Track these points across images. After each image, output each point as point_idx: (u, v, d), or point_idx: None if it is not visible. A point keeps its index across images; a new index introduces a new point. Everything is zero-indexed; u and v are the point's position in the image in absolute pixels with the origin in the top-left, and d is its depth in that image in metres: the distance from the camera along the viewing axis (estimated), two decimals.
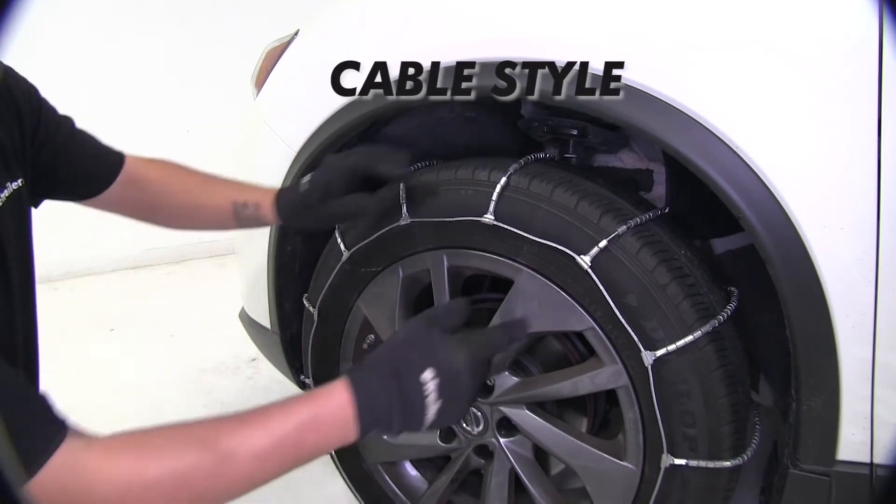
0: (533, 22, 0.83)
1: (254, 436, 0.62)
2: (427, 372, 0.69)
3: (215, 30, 3.01)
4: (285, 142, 1.13)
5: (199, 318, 2.53)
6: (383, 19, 1.01)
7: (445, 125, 1.12)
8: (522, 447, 1.04)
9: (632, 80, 0.76)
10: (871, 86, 0.64)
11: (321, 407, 0.66)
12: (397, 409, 0.68)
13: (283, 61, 1.19)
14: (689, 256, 0.85)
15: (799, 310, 0.71)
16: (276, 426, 0.63)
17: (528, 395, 0.99)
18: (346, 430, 0.67)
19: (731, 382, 0.83)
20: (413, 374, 0.68)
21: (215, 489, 0.60)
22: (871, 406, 0.71)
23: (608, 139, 1.00)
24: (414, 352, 0.71)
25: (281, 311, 1.27)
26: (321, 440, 0.66)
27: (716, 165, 0.72)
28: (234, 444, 0.61)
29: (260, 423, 0.63)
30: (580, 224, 0.85)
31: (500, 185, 0.90)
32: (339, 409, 0.66)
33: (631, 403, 0.88)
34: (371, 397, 0.67)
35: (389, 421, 0.68)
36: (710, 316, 0.82)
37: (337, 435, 0.67)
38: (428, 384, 0.68)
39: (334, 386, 0.68)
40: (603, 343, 0.87)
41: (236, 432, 0.62)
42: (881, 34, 0.63)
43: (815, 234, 0.69)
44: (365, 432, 0.68)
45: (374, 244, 1.05)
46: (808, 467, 0.76)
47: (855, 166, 0.66)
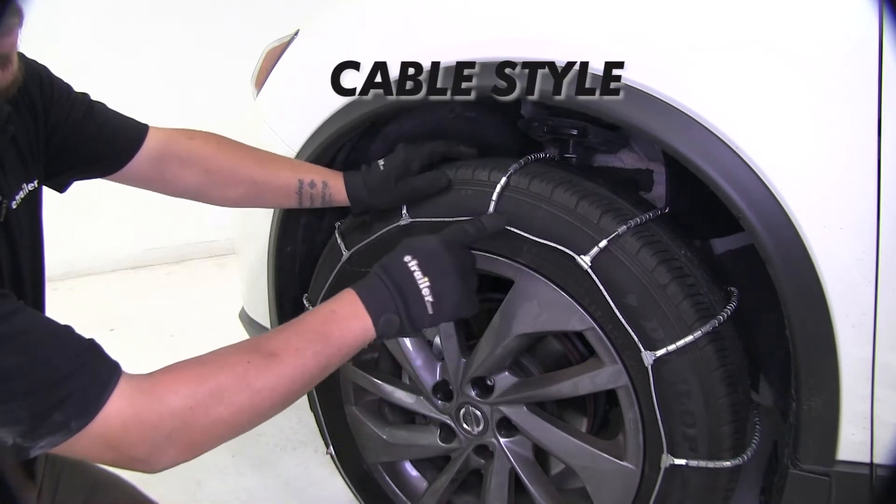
0: (533, 22, 0.83)
1: (287, 335, 0.72)
2: (406, 257, 0.79)
3: (215, 30, 3.00)
4: (285, 142, 1.13)
5: (199, 318, 2.53)
6: (383, 19, 1.01)
7: (445, 125, 1.12)
8: (522, 447, 1.04)
9: (632, 80, 0.76)
10: (871, 86, 0.64)
11: (335, 303, 0.76)
12: (395, 292, 0.77)
13: (283, 61, 1.19)
14: (689, 256, 0.85)
15: (799, 310, 0.71)
16: (303, 325, 0.73)
17: (528, 395, 0.99)
18: (361, 319, 0.75)
19: (731, 382, 0.83)
20: (397, 261, 0.79)
21: (268, 385, 0.67)
22: (871, 406, 0.71)
23: (608, 139, 1.00)
24: (397, 250, 0.81)
25: (281, 311, 1.27)
26: (343, 330, 0.74)
27: (716, 165, 0.72)
28: (275, 346, 0.70)
29: (292, 326, 0.73)
30: (580, 224, 0.85)
31: (500, 185, 0.90)
32: (350, 304, 0.76)
33: (631, 403, 0.88)
34: (370, 287, 0.77)
35: (394, 304, 0.76)
36: (710, 316, 0.82)
37: (356, 326, 0.75)
38: (410, 264, 0.78)
39: (343, 291, 0.79)
40: (603, 343, 0.87)
41: (275, 336, 0.72)
42: (881, 34, 0.63)
43: (815, 234, 0.69)
44: (377, 319, 0.76)
45: (374, 244, 1.05)
46: (808, 467, 0.76)
47: (855, 166, 0.66)
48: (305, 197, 1.01)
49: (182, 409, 0.62)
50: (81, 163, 0.90)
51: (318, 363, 0.71)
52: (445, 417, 1.09)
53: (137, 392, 0.61)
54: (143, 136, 0.95)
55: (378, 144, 1.15)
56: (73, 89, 0.89)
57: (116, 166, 0.94)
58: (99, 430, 0.59)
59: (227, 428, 0.66)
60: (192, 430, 0.63)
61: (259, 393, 0.66)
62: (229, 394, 0.65)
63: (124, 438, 0.60)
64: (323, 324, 0.73)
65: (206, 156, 0.99)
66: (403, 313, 0.77)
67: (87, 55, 2.63)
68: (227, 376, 0.65)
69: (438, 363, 1.09)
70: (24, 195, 0.76)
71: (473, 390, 1.04)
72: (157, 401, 0.61)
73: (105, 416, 0.59)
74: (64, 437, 0.57)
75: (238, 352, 0.68)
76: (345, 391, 1.24)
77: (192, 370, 0.65)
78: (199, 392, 0.63)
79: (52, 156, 0.84)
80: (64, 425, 0.57)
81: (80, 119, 0.87)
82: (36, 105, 0.81)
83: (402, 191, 0.98)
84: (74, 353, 0.60)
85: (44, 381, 0.56)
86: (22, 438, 0.56)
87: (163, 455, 0.63)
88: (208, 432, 0.65)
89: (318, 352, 0.71)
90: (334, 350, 0.73)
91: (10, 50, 0.64)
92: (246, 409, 0.66)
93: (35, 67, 0.83)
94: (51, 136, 0.84)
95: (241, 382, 0.65)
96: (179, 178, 0.98)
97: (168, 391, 0.62)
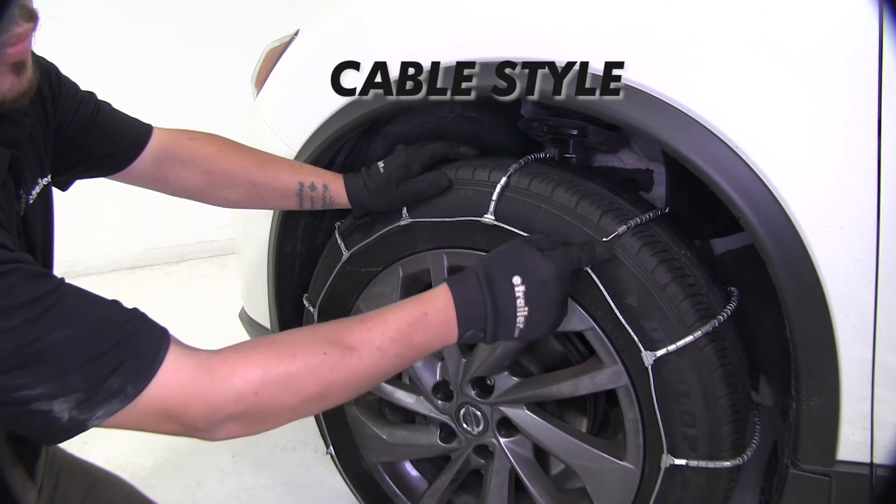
0: (533, 22, 0.83)
1: (373, 332, 0.69)
2: (516, 278, 0.74)
3: (215, 30, 3.00)
4: (285, 142, 1.13)
5: (199, 318, 2.53)
6: (383, 19, 1.01)
7: (445, 125, 1.12)
8: (522, 447, 1.04)
9: (632, 80, 0.76)
10: (871, 86, 0.64)
11: (428, 306, 0.73)
12: (491, 311, 0.74)
13: (283, 61, 1.19)
14: (689, 256, 0.85)
15: (799, 310, 0.71)
16: (391, 324, 0.70)
17: (529, 395, 0.99)
18: (449, 329, 0.73)
19: (731, 382, 0.83)
20: (504, 279, 0.74)
21: (340, 379, 0.66)
22: (871, 406, 0.71)
23: (608, 139, 1.00)
24: (506, 261, 0.76)
25: (281, 311, 1.27)
26: (429, 337, 0.72)
27: (716, 165, 0.72)
28: (355, 340, 0.68)
29: (378, 321, 0.70)
30: (580, 224, 0.85)
31: (500, 185, 0.90)
32: (443, 310, 0.73)
33: (631, 404, 0.88)
34: (468, 300, 0.74)
35: (484, 323, 0.74)
36: (710, 316, 0.82)
37: (440, 334, 0.73)
38: (517, 288, 0.74)
39: (438, 289, 0.75)
40: (603, 343, 0.87)
41: (357, 329, 0.69)
42: (881, 34, 0.63)
43: (815, 234, 0.69)
44: (463, 333, 0.74)
45: (374, 244, 1.05)
46: (808, 467, 0.76)
47: (855, 166, 0.66)
48: (306, 199, 1.01)
49: (247, 394, 0.62)
50: (86, 161, 0.90)
51: (395, 365, 0.70)
52: (445, 417, 1.09)
53: (201, 370, 0.61)
54: (148, 136, 0.95)
55: (378, 145, 1.15)
56: (80, 88, 0.89)
57: (121, 165, 0.94)
58: (159, 403, 0.59)
59: (291, 414, 0.66)
60: (255, 413, 0.63)
61: (329, 385, 0.66)
62: (299, 383, 0.64)
63: (185, 413, 0.60)
64: (411, 325, 0.71)
65: (207, 157, 0.99)
66: (490, 331, 0.75)
67: (85, 55, 2.63)
68: (300, 366, 0.64)
69: (438, 363, 1.09)
70: (39, 190, 0.77)
71: (473, 390, 1.04)
72: (222, 382, 0.61)
73: (166, 391, 0.59)
74: (121, 404, 0.57)
75: (315, 341, 0.67)
76: None
77: (263, 354, 0.64)
78: (267, 378, 0.62)
79: (57, 153, 0.84)
80: (120, 391, 0.57)
81: (86, 117, 0.88)
82: (45, 100, 0.81)
83: (403, 193, 0.98)
84: (123, 321, 0.60)
85: (97, 349, 0.56)
86: (79, 410, 0.56)
87: (224, 430, 0.63)
88: (271, 416, 0.65)
89: (398, 354, 0.70)
90: (414, 355, 0.72)
91: (24, 56, 0.64)
92: (313, 399, 0.65)
93: (43, 64, 0.83)
94: (57, 133, 0.84)
95: (314, 374, 0.64)
96: (180, 178, 0.99)
97: (234, 374, 0.62)
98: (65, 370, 0.55)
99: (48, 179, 0.79)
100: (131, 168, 0.95)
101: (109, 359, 0.57)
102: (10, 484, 0.73)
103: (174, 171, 0.98)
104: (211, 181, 1.00)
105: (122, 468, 1.67)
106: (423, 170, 0.98)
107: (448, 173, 0.96)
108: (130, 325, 0.60)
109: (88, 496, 0.90)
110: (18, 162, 0.70)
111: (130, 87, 2.87)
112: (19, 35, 0.62)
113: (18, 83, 0.64)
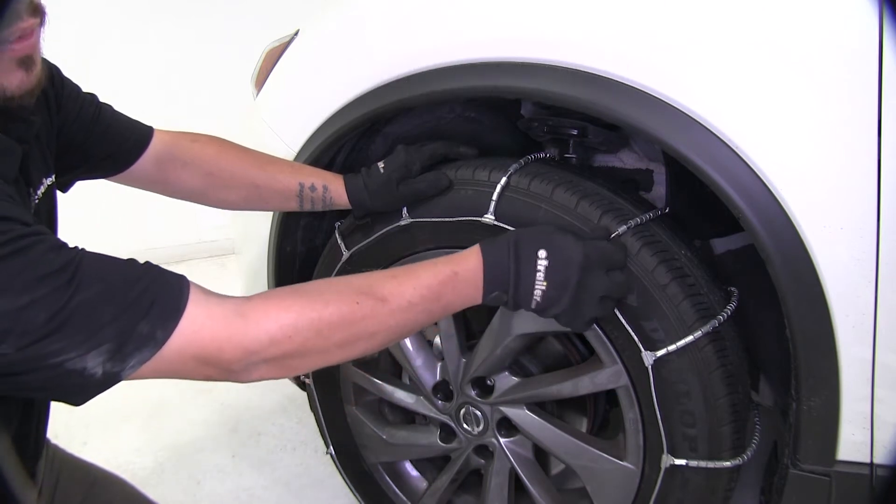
0: (532, 22, 0.83)
1: (404, 285, 0.71)
2: (542, 251, 0.76)
3: (215, 30, 3.00)
4: (285, 142, 1.13)
5: None
6: (383, 19, 1.01)
7: (445, 125, 1.12)
8: (522, 447, 1.04)
9: (632, 80, 0.76)
10: (871, 86, 0.64)
11: (459, 266, 0.75)
12: (513, 278, 0.76)
13: (283, 61, 1.19)
14: (689, 256, 0.85)
15: (799, 310, 0.71)
16: (423, 280, 0.72)
17: (529, 396, 0.99)
18: (476, 290, 0.75)
19: (731, 382, 0.83)
20: (531, 250, 0.76)
21: (370, 329, 0.68)
22: (871, 406, 0.71)
23: (608, 139, 1.00)
24: (539, 234, 0.78)
25: None
26: (456, 296, 0.74)
27: (716, 165, 0.72)
28: (387, 292, 0.69)
29: (410, 276, 0.72)
30: (580, 224, 0.85)
31: (500, 185, 0.90)
32: (473, 271, 0.75)
33: (631, 404, 0.88)
34: (496, 263, 0.76)
35: (506, 286, 0.76)
36: (710, 316, 0.82)
37: (467, 293, 0.75)
38: (539, 262, 0.76)
39: (470, 250, 0.77)
40: (603, 343, 0.87)
41: (390, 283, 0.71)
42: (881, 34, 0.63)
43: (815, 234, 0.69)
44: (488, 294, 0.76)
45: (374, 244, 1.05)
46: (808, 467, 0.76)
47: (855, 166, 0.66)
48: (306, 200, 1.01)
49: (281, 338, 0.63)
50: (88, 162, 0.90)
51: (423, 320, 0.72)
52: (445, 417, 1.09)
53: (234, 315, 0.62)
54: (149, 138, 0.96)
55: (378, 145, 1.15)
56: (82, 89, 0.89)
57: (122, 167, 0.94)
58: (195, 349, 0.60)
59: (320, 358, 0.68)
60: (287, 357, 0.65)
61: (359, 332, 0.67)
62: (330, 329, 0.66)
63: (220, 357, 0.62)
64: (441, 283, 0.73)
65: (207, 158, 0.99)
66: (511, 295, 0.77)
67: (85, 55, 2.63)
68: (332, 312, 0.66)
69: (438, 363, 1.09)
70: (44, 190, 0.77)
71: (473, 390, 1.04)
72: (255, 326, 0.63)
73: (200, 338, 0.60)
74: (152, 351, 0.58)
75: (348, 289, 0.69)
76: (345, 391, 1.24)
77: (296, 300, 0.66)
78: (300, 322, 0.64)
79: (59, 154, 0.84)
80: (150, 336, 0.58)
81: (88, 118, 0.88)
82: (49, 100, 0.81)
83: (403, 193, 0.98)
84: (141, 272, 0.61)
85: (123, 301, 0.58)
86: (111, 362, 0.57)
87: (257, 372, 0.65)
88: (302, 360, 0.66)
89: (426, 309, 0.72)
90: (441, 310, 0.74)
91: (33, 51, 0.64)
92: (343, 345, 0.67)
93: (46, 64, 0.82)
94: (59, 133, 0.84)
95: (345, 321, 0.66)
96: (181, 179, 0.99)
97: (267, 318, 0.63)
98: (95, 327, 0.56)
99: (52, 179, 0.79)
100: (132, 169, 0.95)
101: (135, 307, 0.58)
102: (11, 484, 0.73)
103: (175, 172, 0.98)
104: (211, 182, 1.00)
105: (122, 468, 1.67)
106: (423, 170, 0.98)
107: (448, 173, 0.96)
108: (149, 276, 0.61)
109: (88, 496, 0.90)
110: (26, 160, 0.71)
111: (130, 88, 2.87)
112: (24, 30, 0.62)
113: (27, 79, 0.64)
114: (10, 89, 0.63)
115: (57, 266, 0.55)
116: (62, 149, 0.85)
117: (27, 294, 0.53)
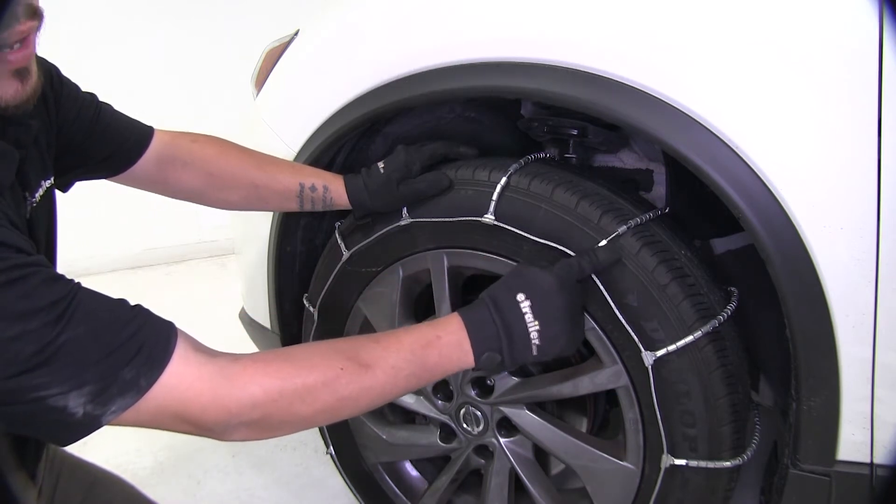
0: (532, 23, 0.83)
1: (389, 350, 0.71)
2: (520, 295, 0.76)
3: (215, 30, 3.00)
4: (285, 141, 1.13)
5: (199, 318, 2.52)
6: (383, 20, 1.01)
7: (445, 125, 1.12)
8: (522, 447, 1.04)
9: (632, 80, 0.76)
10: (871, 86, 0.64)
11: (440, 329, 0.75)
12: (502, 331, 0.76)
13: (283, 61, 1.19)
14: (689, 256, 0.85)
15: (799, 310, 0.71)
16: (405, 344, 0.73)
17: (529, 396, 0.99)
18: (462, 351, 0.75)
19: (731, 382, 0.83)
20: (509, 298, 0.77)
21: (354, 395, 0.68)
22: (871, 406, 0.71)
23: (608, 139, 1.00)
24: (509, 282, 0.79)
25: (281, 311, 1.27)
26: (442, 359, 0.74)
27: (716, 165, 0.72)
28: (372, 358, 0.70)
29: (393, 341, 0.73)
30: (580, 224, 0.85)
31: (500, 185, 0.90)
32: (455, 332, 0.75)
33: (631, 404, 0.88)
34: (478, 321, 0.76)
35: (499, 343, 0.76)
36: (710, 316, 0.82)
37: (456, 357, 0.75)
38: (522, 304, 0.76)
39: (450, 315, 0.78)
40: (603, 343, 0.87)
41: (373, 348, 0.71)
42: (881, 34, 0.63)
43: (815, 234, 0.69)
44: (479, 355, 0.75)
45: (374, 244, 1.05)
46: (808, 467, 0.76)
47: (855, 166, 0.66)
48: (306, 200, 1.01)
49: (264, 402, 0.63)
50: (88, 162, 0.90)
51: (408, 385, 0.72)
52: (445, 417, 1.09)
53: (220, 377, 0.62)
54: (150, 138, 0.96)
55: (378, 145, 1.15)
56: (81, 89, 0.89)
57: (122, 167, 0.94)
58: (177, 406, 0.60)
59: (303, 424, 0.67)
60: (270, 421, 0.65)
61: (343, 400, 0.67)
62: (314, 395, 0.66)
63: (201, 417, 0.61)
64: (424, 347, 0.73)
65: (207, 159, 0.99)
66: (507, 352, 0.76)
67: (84, 55, 2.63)
68: (317, 378, 0.66)
69: None
70: (43, 192, 0.77)
71: (473, 390, 1.04)
72: (240, 390, 0.63)
73: (184, 396, 0.60)
74: (134, 398, 0.58)
75: (333, 355, 0.69)
76: None
77: (282, 365, 0.66)
78: (285, 388, 0.64)
79: (59, 154, 0.84)
80: (133, 383, 0.58)
81: (88, 118, 0.88)
82: (48, 102, 0.81)
83: (403, 193, 0.98)
84: (131, 316, 0.61)
85: (110, 344, 0.58)
86: (93, 404, 0.56)
87: (236, 434, 0.64)
88: (285, 424, 0.66)
89: (412, 374, 0.72)
90: (428, 376, 0.74)
91: (27, 62, 0.64)
92: (327, 411, 0.67)
93: (45, 65, 0.82)
94: (59, 134, 0.84)
95: (329, 387, 0.66)
96: (181, 179, 0.99)
97: (252, 382, 0.63)
98: (81, 366, 0.56)
99: (51, 181, 0.79)
100: (132, 170, 0.95)
101: (121, 352, 0.58)
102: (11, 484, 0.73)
103: (175, 172, 0.98)
104: (211, 182, 1.00)
105: (122, 468, 1.67)
106: (423, 170, 0.98)
107: (448, 173, 0.96)
108: (138, 321, 0.61)
109: (88, 496, 0.90)
110: (24, 164, 0.70)
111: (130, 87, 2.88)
112: (22, 32, 0.61)
113: (23, 90, 0.64)
114: (6, 99, 0.63)
115: (50, 300, 0.55)
116: (61, 149, 0.84)
117: (19, 325, 0.53)
